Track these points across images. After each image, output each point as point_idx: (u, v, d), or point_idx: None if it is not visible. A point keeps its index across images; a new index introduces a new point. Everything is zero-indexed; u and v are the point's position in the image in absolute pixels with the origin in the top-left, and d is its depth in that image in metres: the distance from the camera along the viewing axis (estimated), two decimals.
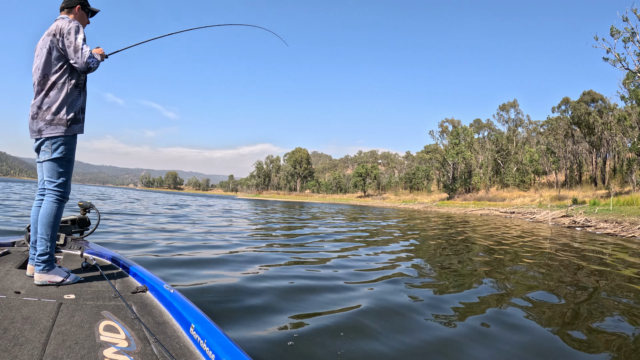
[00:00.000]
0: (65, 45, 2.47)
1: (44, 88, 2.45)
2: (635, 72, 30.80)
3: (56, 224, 2.47)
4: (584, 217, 20.77)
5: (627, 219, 17.34)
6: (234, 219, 13.47)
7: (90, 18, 2.82)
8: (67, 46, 2.47)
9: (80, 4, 2.69)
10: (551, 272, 5.76)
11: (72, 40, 2.46)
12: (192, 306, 2.00)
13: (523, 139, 69.67)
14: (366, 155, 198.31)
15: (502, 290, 4.45)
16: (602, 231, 15.59)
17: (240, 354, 1.55)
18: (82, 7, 2.71)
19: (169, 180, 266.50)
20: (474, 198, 59.08)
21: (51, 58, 2.46)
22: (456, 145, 68.49)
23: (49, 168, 2.46)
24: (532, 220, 25.64)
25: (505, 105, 71.25)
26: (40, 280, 2.31)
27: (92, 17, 2.84)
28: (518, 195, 53.04)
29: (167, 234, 7.96)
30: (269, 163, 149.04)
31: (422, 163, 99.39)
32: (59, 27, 2.48)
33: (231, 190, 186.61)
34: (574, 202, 32.74)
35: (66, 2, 2.65)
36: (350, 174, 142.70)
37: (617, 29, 30.88)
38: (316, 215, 20.33)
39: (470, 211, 40.97)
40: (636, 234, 13.69)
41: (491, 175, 68.75)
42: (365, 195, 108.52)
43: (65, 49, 2.47)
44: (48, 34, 2.49)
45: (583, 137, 52.08)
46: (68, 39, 2.46)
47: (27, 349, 1.48)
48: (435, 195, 78.75)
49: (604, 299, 4.19)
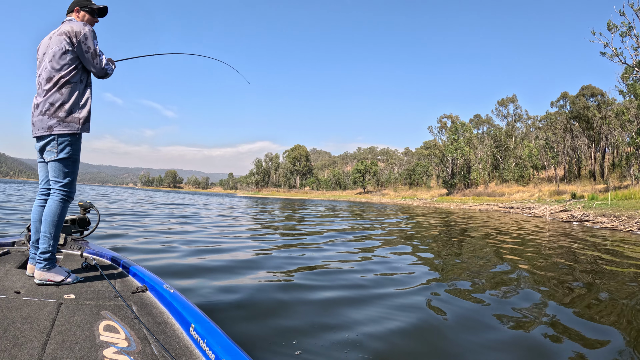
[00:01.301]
0: (83, 50, 2.50)
1: (56, 85, 2.45)
2: (632, 67, 30.78)
3: (60, 223, 2.48)
4: (582, 211, 20.82)
5: (625, 213, 17.39)
6: (250, 220, 13.26)
7: (100, 18, 2.79)
8: (84, 51, 2.51)
9: (79, 6, 2.70)
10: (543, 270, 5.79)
11: (90, 46, 2.51)
12: (192, 306, 2.00)
13: (522, 134, 69.70)
14: (365, 152, 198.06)
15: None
16: (599, 225, 15.62)
17: (240, 354, 1.55)
18: (82, 8, 2.71)
19: (169, 179, 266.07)
20: (473, 193, 59.14)
21: (66, 58, 2.47)
22: (455, 140, 68.49)
23: (55, 168, 2.46)
24: (530, 215, 25.69)
25: (504, 101, 71.24)
26: (40, 278, 2.31)
27: (103, 16, 2.81)
28: (517, 191, 53.13)
29: (184, 236, 7.55)
30: (268, 161, 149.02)
31: (421, 159, 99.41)
32: (75, 30, 2.49)
33: (231, 188, 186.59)
34: (573, 197, 32.80)
35: (70, 6, 2.69)
36: (349, 170, 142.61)
37: (614, 24, 30.82)
38: (343, 215, 20.25)
39: (469, 207, 41.02)
40: (633, 228, 13.73)
41: (490, 171, 68.82)
42: (365, 192, 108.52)
43: (83, 53, 2.51)
44: (61, 34, 2.49)
45: (582, 132, 52.11)
46: (86, 44, 2.50)
47: (27, 348, 1.48)
48: (435, 191, 78.85)
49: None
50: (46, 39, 2.59)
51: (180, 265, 4.70)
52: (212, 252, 5.90)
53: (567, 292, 4.27)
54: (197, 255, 5.52)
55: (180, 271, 4.37)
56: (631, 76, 31.71)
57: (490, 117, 74.70)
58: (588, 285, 4.65)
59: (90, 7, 2.73)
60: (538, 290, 4.23)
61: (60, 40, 2.48)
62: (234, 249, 6.30)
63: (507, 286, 4.43)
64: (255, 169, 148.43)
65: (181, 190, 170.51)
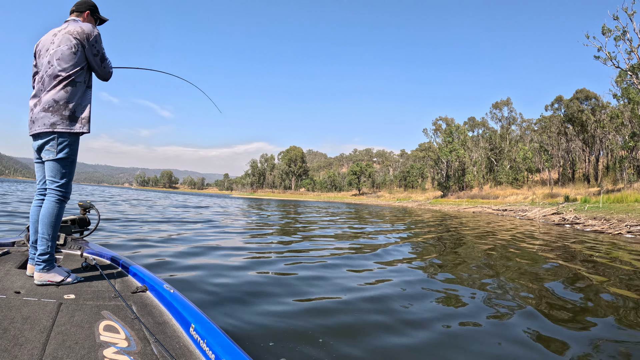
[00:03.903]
0: (93, 52, 2.54)
1: (61, 83, 2.44)
2: (626, 70, 31.08)
3: (57, 224, 2.47)
4: (573, 214, 20.93)
5: (616, 216, 17.47)
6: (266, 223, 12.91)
7: (98, 27, 2.83)
8: (94, 54, 2.54)
9: (90, 10, 2.73)
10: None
11: (99, 50, 2.57)
12: (192, 306, 2.00)
13: (516, 137, 70.03)
14: (361, 154, 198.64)
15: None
16: (590, 228, 15.70)
17: (240, 354, 1.56)
18: (92, 13, 2.75)
19: (164, 179, 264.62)
20: (468, 196, 59.37)
21: (75, 58, 2.47)
22: (450, 143, 68.75)
23: (52, 168, 2.46)
24: (522, 217, 25.83)
25: (499, 104, 71.50)
26: (40, 279, 2.31)
27: (100, 25, 2.87)
28: (511, 193, 53.33)
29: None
30: (264, 162, 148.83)
31: (416, 161, 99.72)
32: (86, 32, 2.51)
33: (226, 189, 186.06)
34: (566, 200, 32.97)
35: (77, 6, 2.69)
36: (345, 172, 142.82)
37: (609, 28, 31.14)
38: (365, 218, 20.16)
39: (463, 209, 41.20)
40: (622, 231, 13.84)
41: (485, 173, 69.10)
42: (360, 194, 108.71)
43: (92, 56, 2.54)
44: (70, 33, 2.49)
45: (576, 135, 52.51)
46: (96, 47, 2.54)
47: (27, 349, 1.48)
48: (430, 193, 79.15)
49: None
50: (49, 35, 2.57)
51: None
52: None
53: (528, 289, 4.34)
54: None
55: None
56: (625, 80, 32.01)
57: (485, 120, 75.03)
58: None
59: (97, 16, 2.79)
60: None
61: (70, 39, 2.47)
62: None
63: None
64: (251, 169, 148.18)
65: (177, 191, 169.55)
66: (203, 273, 4.41)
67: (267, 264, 5.23)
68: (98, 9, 2.80)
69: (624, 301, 4.08)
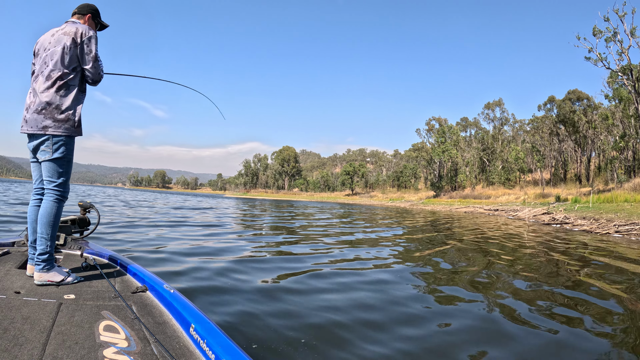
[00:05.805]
0: (85, 52, 2.52)
1: (54, 85, 2.44)
2: (616, 72, 31.40)
3: (56, 223, 2.47)
4: (563, 214, 21.10)
5: (605, 215, 17.62)
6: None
7: (98, 32, 2.84)
8: (86, 53, 2.52)
9: (91, 14, 2.74)
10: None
11: (92, 49, 2.54)
12: (192, 306, 2.01)
13: (509, 137, 70.48)
14: (355, 154, 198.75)
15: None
16: (579, 228, 15.85)
17: (240, 354, 1.56)
18: (93, 17, 2.76)
19: (158, 179, 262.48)
20: (460, 196, 59.63)
21: (67, 58, 2.47)
22: (442, 143, 69.03)
23: (48, 168, 2.46)
24: (513, 217, 26.02)
25: (491, 104, 71.90)
26: (40, 279, 2.30)
27: (100, 31, 2.88)
28: (503, 193, 53.61)
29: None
30: (257, 162, 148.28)
31: (409, 161, 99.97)
32: (80, 31, 2.51)
33: (219, 189, 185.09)
34: (557, 200, 33.24)
35: (79, 8, 2.71)
36: (338, 172, 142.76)
37: (600, 29, 31.45)
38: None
39: (455, 209, 41.40)
40: (610, 231, 13.99)
41: (477, 174, 69.43)
42: (353, 194, 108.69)
43: (84, 55, 2.52)
44: (66, 33, 2.49)
45: (568, 136, 52.93)
46: (89, 46, 2.52)
47: (27, 349, 1.48)
48: (422, 193, 79.36)
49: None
50: (47, 35, 2.58)
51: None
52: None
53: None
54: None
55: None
56: (616, 81, 32.35)
57: (478, 120, 75.41)
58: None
59: (98, 21, 2.81)
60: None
61: (64, 40, 2.48)
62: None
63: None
64: (244, 169, 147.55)
65: (170, 191, 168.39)
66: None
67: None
68: (100, 14, 2.81)
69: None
